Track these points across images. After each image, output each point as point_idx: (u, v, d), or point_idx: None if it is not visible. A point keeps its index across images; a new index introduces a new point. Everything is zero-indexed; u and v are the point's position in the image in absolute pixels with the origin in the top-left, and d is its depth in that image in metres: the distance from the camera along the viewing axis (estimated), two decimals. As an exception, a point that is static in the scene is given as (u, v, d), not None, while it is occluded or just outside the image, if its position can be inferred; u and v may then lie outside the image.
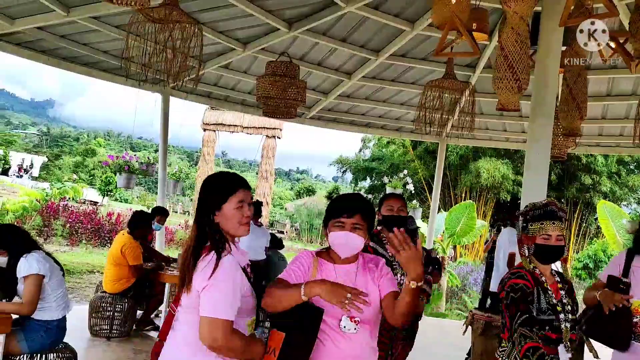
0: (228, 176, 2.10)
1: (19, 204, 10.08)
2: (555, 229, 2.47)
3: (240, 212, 2.03)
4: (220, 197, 2.03)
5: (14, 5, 5.21)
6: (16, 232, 3.51)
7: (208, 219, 2.02)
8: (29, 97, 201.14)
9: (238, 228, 2.05)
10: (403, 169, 19.42)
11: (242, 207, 2.04)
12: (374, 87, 7.79)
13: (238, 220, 2.03)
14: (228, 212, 2.02)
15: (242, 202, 2.04)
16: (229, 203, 2.02)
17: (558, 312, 2.43)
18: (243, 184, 2.09)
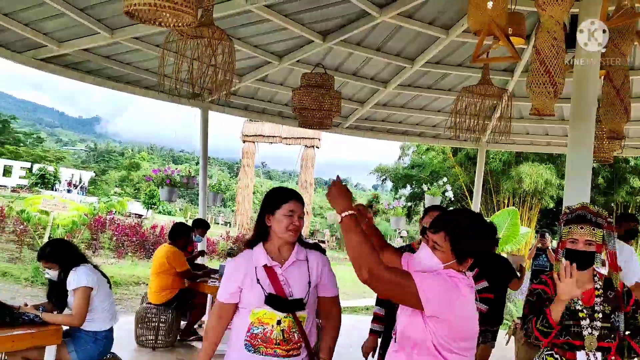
0: (285, 189, 2.50)
1: (68, 219, 10.47)
2: (584, 233, 2.40)
3: (289, 219, 2.36)
4: (274, 203, 2.39)
5: (62, 30, 5.47)
6: (66, 247, 3.66)
7: (262, 220, 2.41)
8: (77, 115, 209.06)
9: (285, 232, 2.36)
10: (443, 175, 19.18)
11: (292, 215, 2.37)
12: (410, 94, 7.76)
13: (286, 226, 2.36)
14: (279, 217, 2.36)
15: (292, 212, 2.37)
16: (281, 209, 2.37)
17: (580, 318, 2.38)
18: (297, 197, 2.44)
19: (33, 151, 41.83)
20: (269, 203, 2.42)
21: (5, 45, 5.68)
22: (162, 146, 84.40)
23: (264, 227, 2.41)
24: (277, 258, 2.40)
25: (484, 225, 2.03)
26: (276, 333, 2.29)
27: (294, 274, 2.39)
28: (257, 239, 2.43)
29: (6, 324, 3.12)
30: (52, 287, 3.64)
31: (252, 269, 2.35)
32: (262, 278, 2.33)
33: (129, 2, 2.56)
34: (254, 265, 2.36)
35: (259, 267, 2.35)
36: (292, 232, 2.37)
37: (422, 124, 8.84)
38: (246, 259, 2.40)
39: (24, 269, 10.07)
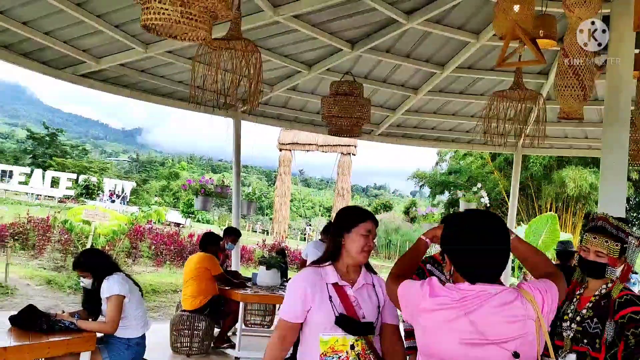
0: (362, 209, 2.41)
1: (109, 228, 10.80)
2: (595, 243, 2.36)
3: (365, 240, 2.25)
4: (352, 221, 2.29)
5: (99, 46, 5.68)
6: (99, 256, 3.79)
7: (338, 237, 2.29)
8: (120, 126, 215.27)
9: (360, 253, 2.26)
10: (481, 181, 18.83)
11: (368, 236, 2.26)
12: (442, 100, 7.69)
13: (362, 246, 2.25)
14: (355, 237, 2.26)
15: (369, 232, 2.27)
16: (358, 228, 2.26)
17: (564, 320, 2.39)
18: (373, 217, 2.34)
19: (79, 163, 43.33)
20: (345, 220, 2.31)
21: (47, 63, 5.93)
22: (201, 155, 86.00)
23: (338, 245, 2.28)
24: (345, 278, 2.27)
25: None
26: (352, 359, 2.14)
27: (364, 297, 2.26)
28: (328, 257, 2.30)
29: (43, 331, 3.25)
30: (86, 295, 3.77)
31: (322, 285, 2.22)
32: (333, 296, 2.19)
33: (146, 17, 2.63)
34: (324, 282, 2.23)
35: (330, 285, 2.22)
36: (366, 253, 2.27)
37: (456, 130, 8.74)
38: (315, 274, 2.26)
39: (68, 277, 10.43)
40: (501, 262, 1.70)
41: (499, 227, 1.72)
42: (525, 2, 4.05)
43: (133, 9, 4.91)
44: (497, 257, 1.70)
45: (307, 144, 27.30)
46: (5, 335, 3.15)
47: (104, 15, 5.03)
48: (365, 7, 5.21)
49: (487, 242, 1.69)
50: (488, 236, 1.69)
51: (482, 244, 1.68)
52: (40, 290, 9.42)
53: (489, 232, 1.70)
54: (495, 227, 1.71)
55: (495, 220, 1.74)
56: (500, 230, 1.72)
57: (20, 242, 12.50)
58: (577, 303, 2.43)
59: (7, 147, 63.99)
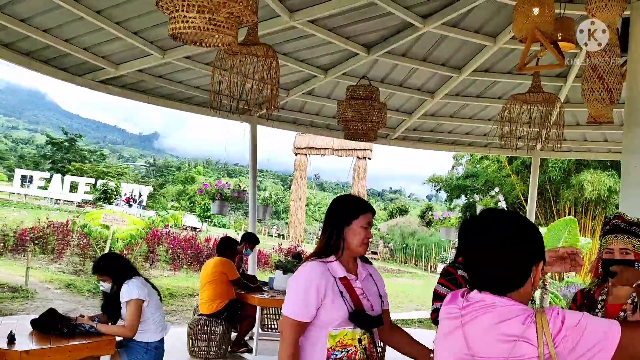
0: (360, 198, 2.31)
1: (127, 232, 10.91)
2: (618, 242, 2.31)
3: (365, 232, 2.19)
4: (352, 213, 2.20)
5: (118, 52, 5.75)
6: (118, 260, 3.82)
7: (339, 230, 2.19)
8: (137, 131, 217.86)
9: (360, 245, 2.19)
10: (498, 185, 18.67)
11: (368, 227, 2.21)
12: (458, 104, 7.65)
13: (362, 239, 2.18)
14: (356, 229, 2.19)
15: (369, 224, 2.21)
16: (358, 220, 2.19)
17: None
18: (372, 208, 2.26)
19: (97, 167, 43.87)
20: (345, 212, 2.20)
21: (67, 69, 6.02)
22: (217, 160, 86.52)
23: (339, 238, 2.17)
24: (349, 271, 2.19)
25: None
26: (360, 353, 2.08)
27: (369, 287, 2.22)
28: (329, 251, 2.18)
29: (63, 334, 3.29)
30: (106, 299, 3.81)
31: (332, 281, 2.11)
32: (344, 292, 2.11)
33: (174, 26, 2.66)
34: (332, 277, 2.12)
35: (338, 280, 2.12)
36: (365, 245, 2.21)
37: (472, 133, 8.68)
38: (323, 270, 2.12)
39: (87, 281, 10.54)
40: (508, 271, 1.44)
41: (509, 228, 1.47)
42: (545, 5, 4.03)
43: (151, 15, 4.98)
44: (502, 264, 1.45)
45: (323, 148, 27.34)
46: (27, 339, 3.19)
47: (123, 22, 5.10)
48: (381, 11, 5.21)
49: (490, 244, 1.46)
50: (493, 239, 1.46)
51: (486, 245, 1.46)
52: (59, 294, 9.53)
53: (494, 233, 1.46)
54: (503, 229, 1.46)
55: (508, 221, 1.49)
56: (511, 232, 1.46)
57: (40, 246, 12.68)
58: (604, 311, 2.36)
59: (27, 152, 65.09)
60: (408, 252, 30.63)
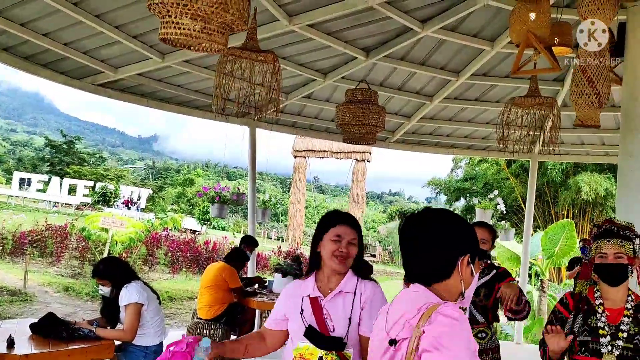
0: (336, 212, 2.30)
1: (126, 235, 10.91)
2: (611, 246, 2.33)
3: (335, 245, 2.16)
4: (323, 227, 2.23)
5: (117, 56, 5.77)
6: (117, 264, 3.83)
7: (314, 249, 2.25)
8: (136, 134, 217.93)
9: (330, 258, 2.17)
10: (497, 187, 18.67)
11: (338, 241, 2.17)
12: (457, 107, 7.68)
13: (331, 251, 2.16)
14: (325, 242, 2.20)
15: (339, 237, 2.17)
16: (328, 233, 2.19)
17: (600, 335, 2.31)
18: (347, 221, 2.22)
19: (96, 170, 43.85)
20: (318, 228, 2.25)
21: (66, 73, 6.04)
22: (216, 163, 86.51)
23: (316, 254, 2.24)
24: (323, 288, 2.22)
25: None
26: None
27: (336, 307, 2.17)
28: (311, 267, 2.28)
29: (62, 339, 3.30)
30: (105, 303, 3.82)
31: (299, 298, 2.23)
32: (306, 309, 2.18)
33: (165, 30, 2.67)
34: (301, 295, 2.23)
35: (305, 297, 2.21)
36: (337, 258, 2.15)
37: (471, 137, 8.71)
38: (296, 287, 2.29)
39: (85, 285, 10.55)
40: (432, 262, 1.54)
41: (436, 223, 1.58)
42: (541, 10, 4.05)
43: (150, 19, 4.99)
44: (427, 255, 1.55)
45: (322, 150, 27.33)
46: (26, 343, 3.20)
47: (122, 26, 5.11)
48: (380, 15, 5.23)
49: (417, 236, 1.58)
50: (419, 232, 1.58)
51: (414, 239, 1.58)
52: (58, 297, 9.53)
53: (422, 227, 1.58)
54: (430, 223, 1.58)
55: (436, 217, 1.59)
56: (437, 227, 1.56)
57: (38, 250, 12.67)
58: (606, 316, 2.35)
59: (25, 155, 65.02)
60: (407, 254, 30.59)
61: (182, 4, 2.34)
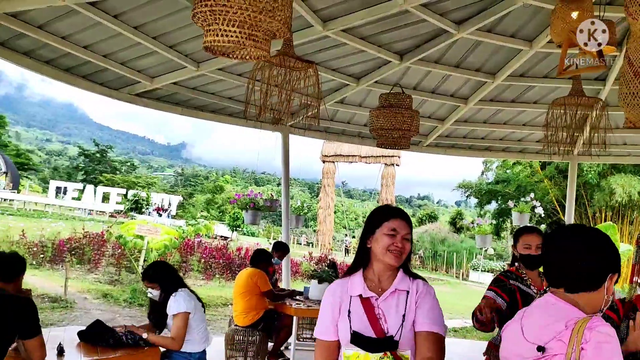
0: (389, 206, 2.20)
1: (160, 243, 11.06)
2: None
3: (390, 239, 2.06)
4: (375, 221, 2.12)
5: (154, 66, 5.86)
6: (167, 269, 3.88)
7: (363, 244, 2.13)
8: (165, 142, 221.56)
9: (385, 253, 2.06)
10: (530, 190, 18.31)
11: (394, 235, 2.06)
12: (492, 109, 7.55)
13: (386, 246, 2.05)
14: (379, 236, 2.08)
15: (394, 231, 2.07)
16: (381, 228, 2.08)
17: None
18: (401, 215, 2.13)
19: (127, 178, 44.75)
20: (370, 222, 2.14)
21: (104, 84, 6.15)
22: (244, 168, 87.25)
23: (365, 250, 2.12)
24: (375, 288, 2.08)
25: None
26: None
27: (391, 307, 2.04)
28: (356, 265, 2.14)
29: (110, 345, 3.34)
30: (153, 306, 3.87)
31: (346, 299, 2.07)
32: (355, 311, 2.03)
33: (211, 39, 2.67)
34: (349, 294, 2.07)
35: (354, 298, 2.06)
36: (393, 253, 2.04)
37: (507, 139, 8.55)
38: (342, 287, 2.11)
39: (123, 291, 10.72)
40: (583, 273, 1.67)
41: (578, 238, 1.73)
42: (584, 9, 3.95)
43: (186, 29, 5.06)
44: (580, 266, 1.68)
45: (350, 155, 27.32)
46: (75, 350, 3.25)
47: (159, 37, 5.19)
48: (415, 18, 5.18)
49: (573, 249, 1.71)
50: (555, 242, 1.75)
51: (570, 250, 1.71)
52: (97, 304, 9.71)
53: (559, 239, 1.76)
54: (572, 237, 1.74)
55: (591, 234, 1.74)
56: (578, 241, 1.71)
57: (77, 257, 12.95)
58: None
59: (60, 164, 66.78)
60: (438, 259, 30.29)
61: (232, 12, 2.34)
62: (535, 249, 3.03)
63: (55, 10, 4.46)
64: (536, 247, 3.03)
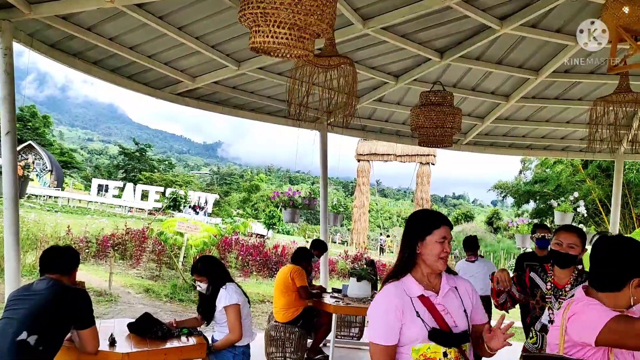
0: (435, 212, 2.29)
1: (199, 240, 11.25)
2: None
3: (441, 247, 2.17)
4: (426, 228, 2.20)
5: (195, 66, 5.97)
6: (215, 263, 3.97)
7: (412, 248, 2.20)
8: (201, 140, 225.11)
9: (436, 260, 2.17)
10: (571, 190, 17.83)
11: (443, 242, 2.17)
12: (534, 107, 7.40)
13: (438, 253, 2.16)
14: (430, 244, 2.18)
15: (444, 238, 2.18)
16: (432, 235, 2.18)
17: None
18: (448, 222, 2.24)
19: (165, 176, 45.62)
20: (419, 228, 2.21)
21: (148, 84, 6.31)
22: (279, 167, 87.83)
23: (413, 254, 2.20)
24: (429, 287, 2.19)
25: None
26: None
27: (452, 302, 2.18)
28: (405, 268, 2.21)
29: (158, 338, 3.43)
30: (201, 299, 3.96)
31: (407, 301, 2.13)
32: (420, 311, 2.11)
33: (261, 39, 2.70)
34: (408, 297, 2.14)
35: (415, 299, 2.13)
36: (442, 260, 2.18)
37: (549, 137, 8.37)
38: (397, 291, 2.16)
39: (164, 286, 10.95)
40: (608, 276, 2.00)
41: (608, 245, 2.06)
42: (636, 3, 3.84)
43: (227, 29, 5.15)
44: (607, 269, 2.02)
45: (386, 154, 27.21)
46: (125, 341, 3.35)
47: (202, 37, 5.29)
48: (457, 15, 5.14)
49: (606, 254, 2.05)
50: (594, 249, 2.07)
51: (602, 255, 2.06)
52: (139, 298, 9.95)
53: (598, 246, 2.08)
54: (605, 245, 2.06)
55: (622, 243, 2.04)
56: (606, 248, 2.05)
57: (119, 252, 13.30)
58: None
59: (101, 162, 68.65)
60: (475, 259, 29.78)
61: (284, 14, 2.37)
62: (566, 247, 2.97)
63: (103, 12, 4.60)
64: (567, 245, 2.98)
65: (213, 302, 3.76)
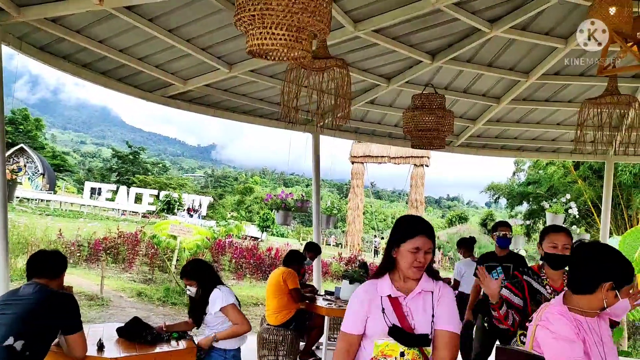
0: (415, 221, 2.34)
1: (192, 242, 11.23)
2: None
3: (413, 256, 2.24)
4: (401, 236, 2.29)
5: (187, 68, 5.96)
6: (205, 267, 3.95)
7: (389, 252, 2.32)
8: (195, 143, 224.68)
9: (408, 268, 2.26)
10: (564, 191, 17.90)
11: (416, 252, 2.24)
12: (525, 109, 7.43)
13: (410, 262, 2.25)
14: (403, 252, 2.27)
15: (417, 249, 2.24)
16: (406, 244, 2.26)
17: None
18: (426, 232, 2.28)
19: (159, 179, 45.52)
20: (396, 234, 2.31)
21: (139, 86, 6.28)
22: (273, 169, 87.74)
23: (391, 257, 2.32)
24: (402, 288, 2.29)
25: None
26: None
27: (418, 306, 2.26)
28: (383, 270, 2.34)
29: (148, 342, 3.41)
30: (191, 303, 3.95)
31: (377, 298, 2.27)
32: (387, 308, 2.24)
33: (259, 42, 2.67)
34: (379, 295, 2.28)
35: (384, 297, 2.27)
36: (415, 269, 2.25)
37: (540, 139, 8.41)
38: (371, 288, 2.31)
39: (156, 290, 10.92)
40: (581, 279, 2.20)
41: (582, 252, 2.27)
42: (622, 4, 3.86)
43: (218, 32, 5.13)
44: (580, 273, 2.22)
45: (379, 156, 27.28)
46: (114, 346, 3.33)
47: (193, 40, 5.27)
48: (447, 17, 5.15)
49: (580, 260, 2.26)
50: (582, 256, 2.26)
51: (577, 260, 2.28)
52: (132, 302, 9.91)
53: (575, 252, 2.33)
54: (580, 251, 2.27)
55: (597, 249, 2.25)
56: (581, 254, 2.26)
57: (111, 256, 13.24)
58: None
59: (94, 165, 68.36)
60: (469, 260, 29.84)
61: (282, 15, 2.38)
62: (562, 248, 2.94)
63: (93, 15, 4.58)
64: (563, 246, 2.94)
65: (203, 305, 3.75)
